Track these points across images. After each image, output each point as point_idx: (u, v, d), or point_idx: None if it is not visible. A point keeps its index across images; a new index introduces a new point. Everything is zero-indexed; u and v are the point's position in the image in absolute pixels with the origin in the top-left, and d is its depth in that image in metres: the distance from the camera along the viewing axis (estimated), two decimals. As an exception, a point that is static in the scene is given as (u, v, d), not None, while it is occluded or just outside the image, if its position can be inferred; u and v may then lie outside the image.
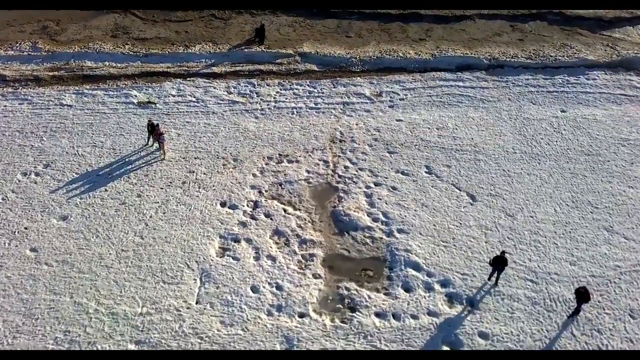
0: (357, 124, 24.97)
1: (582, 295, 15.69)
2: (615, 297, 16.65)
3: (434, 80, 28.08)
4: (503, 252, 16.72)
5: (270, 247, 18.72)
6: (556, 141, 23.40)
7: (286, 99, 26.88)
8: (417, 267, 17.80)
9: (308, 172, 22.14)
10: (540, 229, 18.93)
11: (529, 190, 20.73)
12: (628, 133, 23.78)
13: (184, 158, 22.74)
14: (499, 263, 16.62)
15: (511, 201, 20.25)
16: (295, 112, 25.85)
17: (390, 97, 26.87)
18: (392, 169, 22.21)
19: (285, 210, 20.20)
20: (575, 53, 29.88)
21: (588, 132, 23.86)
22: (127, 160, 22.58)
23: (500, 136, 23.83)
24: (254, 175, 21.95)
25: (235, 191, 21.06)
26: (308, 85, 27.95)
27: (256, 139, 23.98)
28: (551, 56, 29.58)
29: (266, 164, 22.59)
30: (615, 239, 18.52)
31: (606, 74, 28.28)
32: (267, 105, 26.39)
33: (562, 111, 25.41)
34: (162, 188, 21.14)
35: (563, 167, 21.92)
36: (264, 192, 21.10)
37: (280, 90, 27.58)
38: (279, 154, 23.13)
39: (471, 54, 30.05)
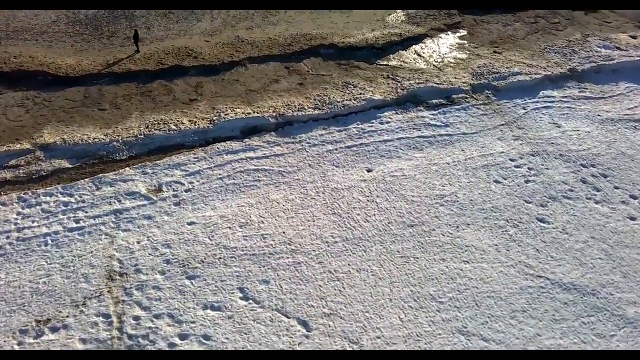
0: (138, 242, 19.32)
1: None
2: None
3: (220, 155, 23.50)
4: None
5: None
6: (374, 215, 20.62)
7: (33, 222, 19.94)
8: None
9: (83, 341, 16.03)
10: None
11: (365, 296, 17.46)
12: (441, 187, 22.00)
13: None
14: None
15: (350, 318, 16.77)
16: (50, 242, 19.18)
17: (174, 190, 21.63)
18: (198, 304, 17.21)
19: None
20: (360, 94, 27.72)
21: (402, 195, 21.55)
22: None
23: (314, 221, 20.29)
24: (3, 369, 15.20)
25: (-24, 414, 14.19)
26: (61, 193, 21.26)
27: (-3, 302, 17.02)
28: (338, 102, 26.96)
29: (19, 343, 15.89)
30: (473, 343, 16.09)
31: (397, 113, 26.58)
32: (7, 238, 19.25)
33: (369, 170, 22.84)
34: None
35: (391, 250, 19.15)
36: (22, 399, 14.55)
37: (23, 208, 20.50)
38: (36, 321, 16.53)
39: (254, 112, 26.04)
